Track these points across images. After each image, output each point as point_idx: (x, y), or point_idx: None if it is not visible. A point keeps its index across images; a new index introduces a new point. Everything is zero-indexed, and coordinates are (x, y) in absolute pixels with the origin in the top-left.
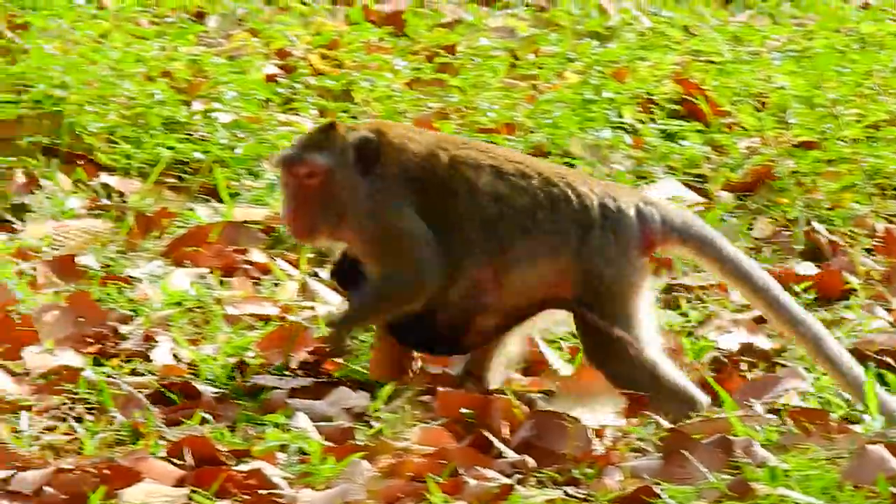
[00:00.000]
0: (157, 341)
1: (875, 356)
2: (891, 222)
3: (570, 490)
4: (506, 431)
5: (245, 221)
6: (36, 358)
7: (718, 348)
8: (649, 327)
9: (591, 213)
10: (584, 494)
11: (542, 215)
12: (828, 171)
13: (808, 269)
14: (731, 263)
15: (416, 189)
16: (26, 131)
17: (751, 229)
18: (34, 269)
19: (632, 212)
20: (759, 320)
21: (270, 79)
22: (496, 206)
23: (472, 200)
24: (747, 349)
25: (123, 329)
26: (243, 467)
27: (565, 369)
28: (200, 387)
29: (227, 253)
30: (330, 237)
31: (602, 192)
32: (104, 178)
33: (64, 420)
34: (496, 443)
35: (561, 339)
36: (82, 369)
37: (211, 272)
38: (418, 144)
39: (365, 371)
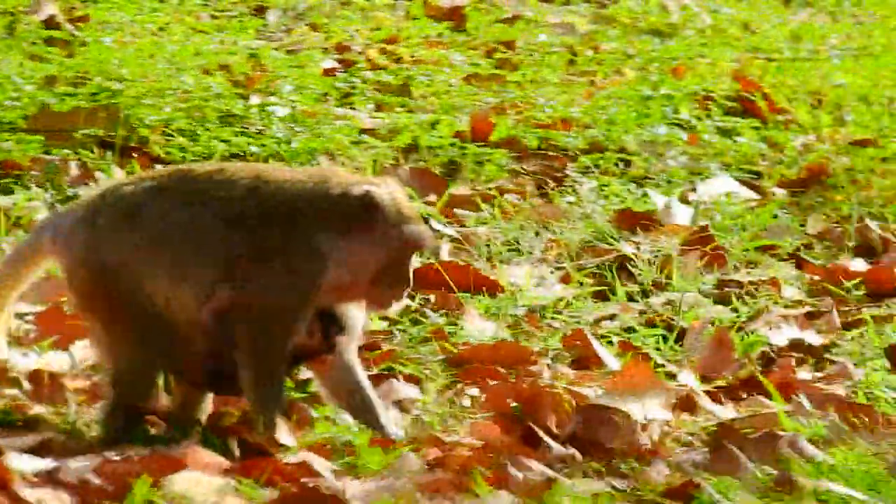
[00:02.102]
0: None
1: None
2: None
3: (617, 483)
4: (554, 425)
5: None
6: (85, 351)
7: (768, 343)
8: None
9: None
10: (630, 487)
11: None
12: (883, 169)
13: (859, 265)
14: None
15: None
16: (82, 124)
17: (803, 226)
18: None
19: None
20: (810, 316)
21: (329, 73)
22: None
23: None
24: (797, 345)
25: None
26: (291, 458)
27: (614, 364)
28: None
29: None
30: None
31: None
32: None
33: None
34: (544, 437)
35: (610, 333)
36: None
37: None
38: None
39: (415, 364)
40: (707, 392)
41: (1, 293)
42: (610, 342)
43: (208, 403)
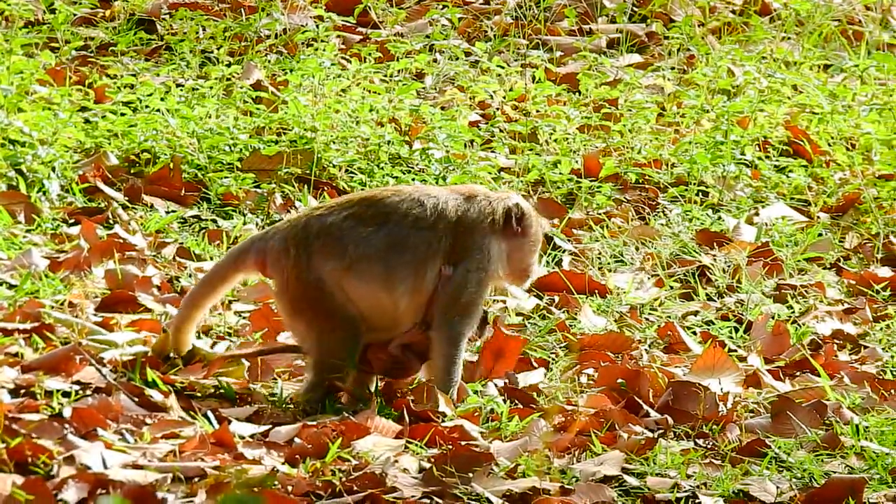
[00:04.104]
0: None
1: None
2: None
3: (700, 442)
4: (651, 396)
5: None
6: (288, 341)
7: (816, 333)
8: None
9: None
10: (710, 445)
11: None
12: None
13: (885, 272)
14: None
15: None
16: (284, 164)
17: (842, 241)
18: None
19: None
20: (848, 311)
21: (473, 124)
22: None
23: None
24: (838, 334)
25: None
26: (449, 424)
27: (697, 349)
28: None
29: None
30: None
31: None
32: None
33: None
34: (644, 405)
35: (694, 325)
36: None
37: None
38: None
39: (543, 350)
40: (769, 371)
41: (198, 303)
42: (694, 332)
43: (376, 379)
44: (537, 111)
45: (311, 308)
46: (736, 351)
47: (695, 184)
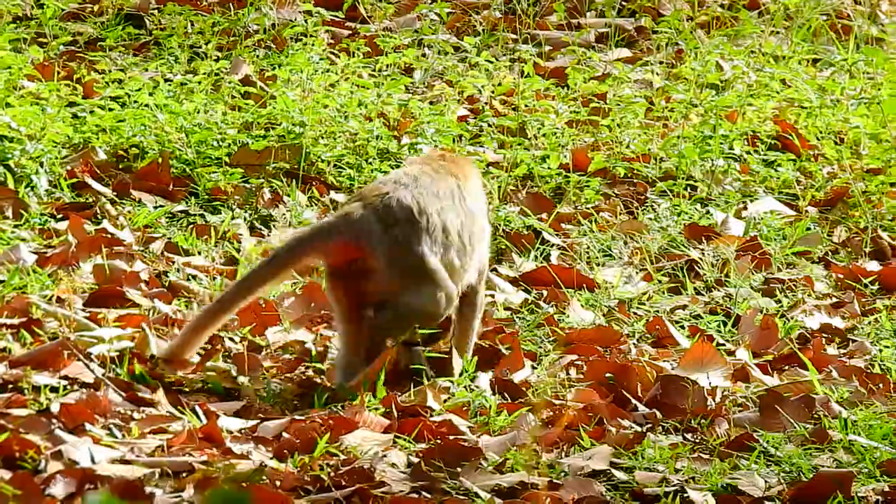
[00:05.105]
0: None
1: None
2: None
3: (688, 436)
4: (639, 391)
5: None
6: (276, 335)
7: (804, 327)
8: None
9: None
10: (698, 439)
11: None
12: (891, 191)
13: (874, 266)
14: None
15: None
16: (273, 159)
17: (830, 235)
18: None
19: None
20: (836, 305)
21: (462, 119)
22: None
23: None
24: (827, 328)
25: None
26: (437, 418)
27: (685, 343)
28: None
29: None
30: None
31: None
32: (333, 195)
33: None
34: (632, 400)
35: (682, 319)
36: (305, 342)
37: None
38: None
39: (532, 345)
40: (757, 365)
41: (254, 291)
42: (682, 326)
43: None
44: (526, 106)
45: (414, 279)
46: (724, 345)
47: (683, 178)
